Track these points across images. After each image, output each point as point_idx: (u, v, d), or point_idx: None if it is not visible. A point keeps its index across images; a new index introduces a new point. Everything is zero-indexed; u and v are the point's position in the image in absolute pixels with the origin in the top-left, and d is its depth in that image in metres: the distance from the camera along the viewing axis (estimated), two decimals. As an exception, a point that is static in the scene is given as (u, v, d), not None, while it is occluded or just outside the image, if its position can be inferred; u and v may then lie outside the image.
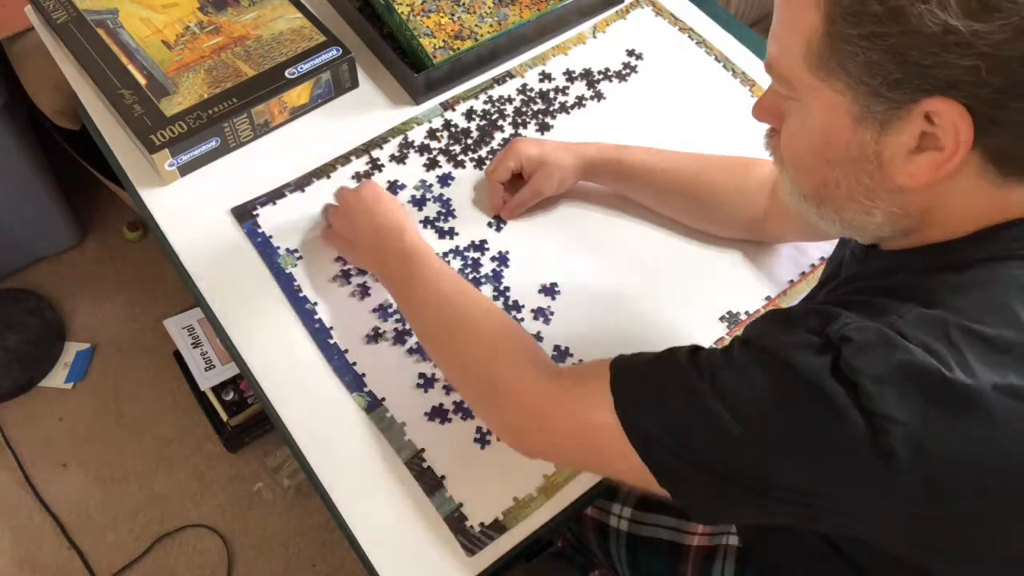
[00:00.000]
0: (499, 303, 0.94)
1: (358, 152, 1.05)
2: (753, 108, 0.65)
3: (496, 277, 0.96)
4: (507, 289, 0.95)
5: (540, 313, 0.93)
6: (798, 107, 0.58)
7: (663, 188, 0.96)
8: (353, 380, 0.88)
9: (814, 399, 0.53)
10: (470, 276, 0.95)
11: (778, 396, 0.55)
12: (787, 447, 0.55)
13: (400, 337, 0.91)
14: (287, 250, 0.97)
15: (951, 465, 0.51)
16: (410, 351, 0.90)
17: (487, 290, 0.95)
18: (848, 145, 0.56)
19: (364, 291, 0.94)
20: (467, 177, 1.04)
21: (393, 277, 0.86)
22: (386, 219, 0.88)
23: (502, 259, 0.97)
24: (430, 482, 0.82)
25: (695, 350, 0.63)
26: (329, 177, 1.03)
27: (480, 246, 0.98)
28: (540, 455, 0.76)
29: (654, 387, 0.63)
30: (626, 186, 0.98)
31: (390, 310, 0.93)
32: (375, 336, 0.91)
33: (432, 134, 1.07)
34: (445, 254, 0.97)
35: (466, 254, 0.97)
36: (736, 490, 0.58)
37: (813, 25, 0.53)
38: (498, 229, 0.99)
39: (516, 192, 0.98)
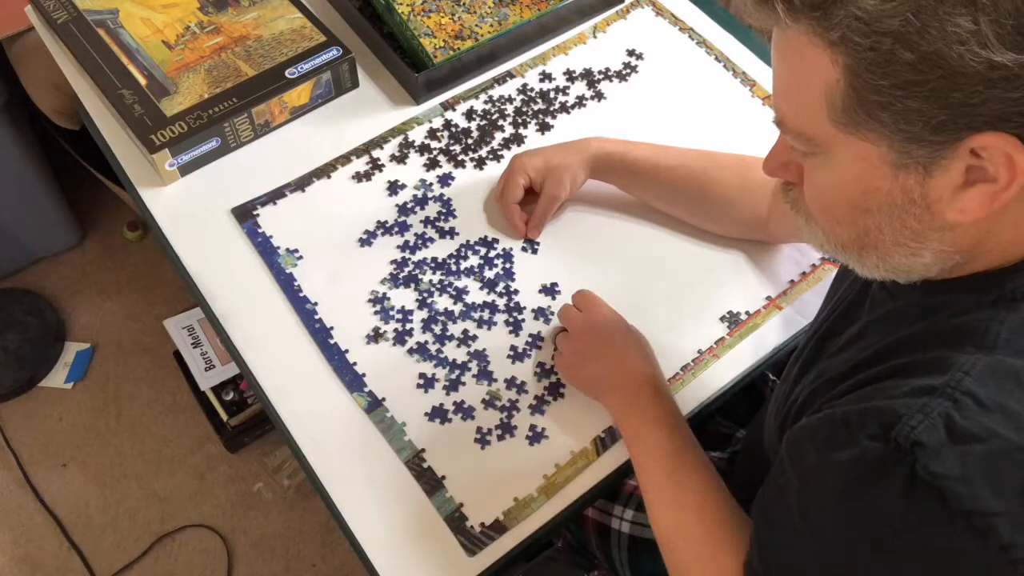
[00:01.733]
0: (502, 301, 0.94)
1: (358, 152, 1.05)
2: (763, 164, 0.62)
3: (508, 275, 0.96)
4: (516, 292, 0.95)
5: (540, 313, 0.93)
6: (823, 161, 0.55)
7: (668, 185, 0.95)
8: (353, 380, 0.88)
9: (904, 525, 0.50)
10: (477, 277, 0.96)
11: (866, 530, 0.52)
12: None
13: (400, 337, 0.91)
14: (287, 250, 0.96)
15: None
16: (410, 351, 0.90)
17: (490, 293, 0.95)
18: (890, 192, 0.52)
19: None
20: (467, 177, 1.04)
21: (634, 431, 0.80)
22: (630, 364, 0.82)
23: (507, 256, 0.97)
24: (430, 482, 0.82)
25: (765, 514, 0.62)
26: (329, 177, 1.03)
27: (485, 245, 0.98)
28: None
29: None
30: (631, 182, 0.98)
31: (391, 311, 0.93)
32: (375, 336, 0.91)
33: (432, 134, 1.07)
34: (447, 256, 0.97)
35: (470, 256, 0.97)
36: None
37: (831, 80, 0.50)
38: (534, 252, 0.98)
39: (530, 209, 0.97)
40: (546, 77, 1.13)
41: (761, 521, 0.63)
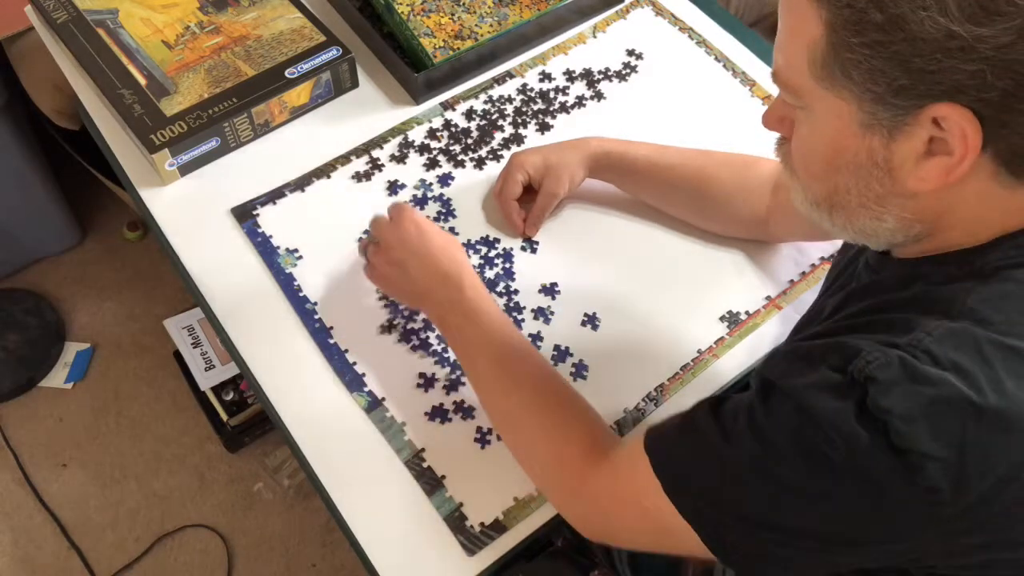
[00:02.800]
0: (502, 302, 0.94)
1: (358, 152, 1.05)
2: (762, 117, 0.65)
3: (507, 275, 0.96)
4: (516, 292, 0.95)
5: (540, 313, 0.93)
6: (806, 116, 0.58)
7: (667, 184, 0.95)
8: (353, 380, 0.88)
9: (844, 446, 0.52)
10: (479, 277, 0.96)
11: (807, 448, 0.54)
12: (827, 498, 0.54)
13: (401, 337, 0.91)
14: (287, 250, 0.97)
15: (997, 488, 0.50)
16: (411, 350, 0.90)
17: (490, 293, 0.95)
18: (857, 152, 0.55)
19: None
20: (467, 177, 1.04)
21: (451, 331, 0.83)
22: (440, 264, 0.83)
23: (507, 256, 0.97)
24: (430, 482, 0.82)
25: (717, 404, 0.62)
26: (329, 177, 1.03)
27: (485, 244, 0.98)
28: (612, 543, 0.75)
29: (691, 463, 0.62)
30: (630, 181, 0.98)
31: (400, 305, 0.93)
32: (376, 336, 0.91)
33: (432, 134, 1.07)
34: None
35: (471, 256, 0.97)
36: (788, 547, 0.57)
37: (816, 35, 0.53)
38: (534, 252, 0.98)
39: (528, 207, 0.98)
40: (546, 77, 1.13)
41: (704, 411, 0.63)
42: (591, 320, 0.93)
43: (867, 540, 0.55)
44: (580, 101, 1.10)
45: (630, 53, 1.15)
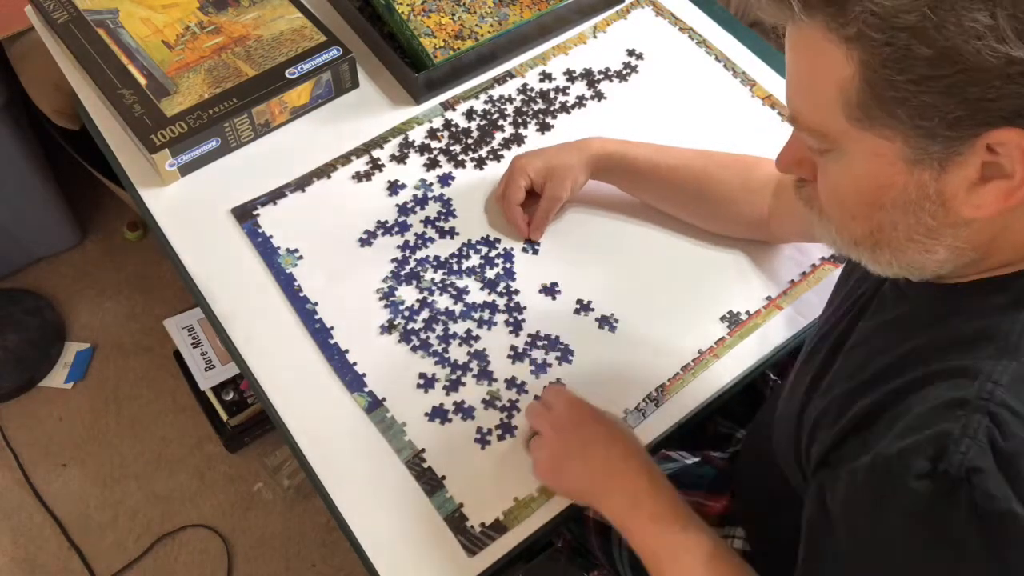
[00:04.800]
0: (503, 301, 0.94)
1: (358, 152, 1.05)
2: (777, 161, 0.62)
3: (508, 275, 0.96)
4: (516, 292, 0.94)
5: (541, 313, 0.93)
6: (837, 157, 0.54)
7: (669, 185, 0.95)
8: (353, 380, 0.88)
9: (983, 554, 0.48)
10: (478, 277, 0.96)
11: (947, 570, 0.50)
12: None
13: (401, 337, 0.91)
14: (287, 250, 0.96)
15: None
16: (411, 351, 0.90)
17: (490, 293, 0.95)
18: (904, 188, 0.52)
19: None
20: (467, 177, 1.04)
21: (638, 535, 0.74)
22: (620, 467, 0.75)
23: (508, 256, 0.97)
24: (430, 482, 0.82)
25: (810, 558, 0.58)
26: (329, 177, 1.03)
27: (486, 244, 0.98)
28: None
29: None
30: (632, 183, 0.98)
31: (400, 306, 0.93)
32: (376, 336, 0.91)
33: (432, 134, 1.07)
34: (448, 257, 0.97)
35: (471, 256, 0.97)
36: None
37: (845, 75, 0.50)
38: (535, 252, 0.97)
39: (530, 210, 0.97)
40: (546, 77, 1.13)
41: None
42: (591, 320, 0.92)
43: None
44: (580, 101, 1.10)
45: (630, 53, 1.15)
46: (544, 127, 1.08)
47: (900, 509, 0.51)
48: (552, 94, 1.11)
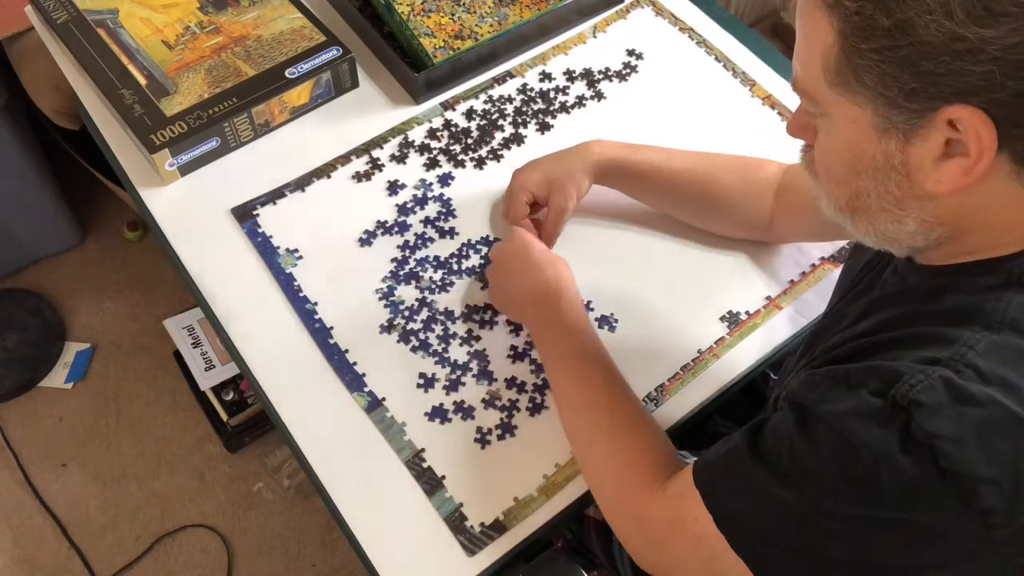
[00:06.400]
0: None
1: (358, 152, 1.05)
2: (787, 126, 0.65)
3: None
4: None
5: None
6: (826, 122, 0.58)
7: (672, 189, 0.95)
8: (353, 380, 0.88)
9: (894, 476, 0.51)
10: (478, 277, 0.96)
11: (856, 480, 0.53)
12: (880, 530, 0.53)
13: (401, 337, 0.91)
14: (287, 250, 0.96)
15: None
16: (411, 350, 0.90)
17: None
18: (875, 155, 0.55)
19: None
20: (467, 177, 1.03)
21: (543, 345, 0.86)
22: (540, 277, 0.86)
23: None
24: (430, 482, 0.82)
25: (756, 437, 0.61)
26: (329, 177, 1.03)
27: (486, 244, 0.98)
28: (663, 574, 0.74)
29: (740, 498, 0.62)
30: (634, 187, 0.97)
31: (400, 305, 0.93)
32: (376, 336, 0.91)
33: (432, 134, 1.07)
34: (448, 256, 0.97)
35: (471, 255, 0.97)
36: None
37: (828, 42, 0.53)
38: None
39: (536, 219, 0.97)
40: (546, 77, 1.13)
41: (745, 444, 0.62)
42: (591, 320, 0.92)
43: (923, 567, 0.54)
44: (580, 101, 1.10)
45: (630, 53, 1.15)
46: (544, 127, 1.08)
47: (844, 408, 0.54)
48: (552, 94, 1.11)
